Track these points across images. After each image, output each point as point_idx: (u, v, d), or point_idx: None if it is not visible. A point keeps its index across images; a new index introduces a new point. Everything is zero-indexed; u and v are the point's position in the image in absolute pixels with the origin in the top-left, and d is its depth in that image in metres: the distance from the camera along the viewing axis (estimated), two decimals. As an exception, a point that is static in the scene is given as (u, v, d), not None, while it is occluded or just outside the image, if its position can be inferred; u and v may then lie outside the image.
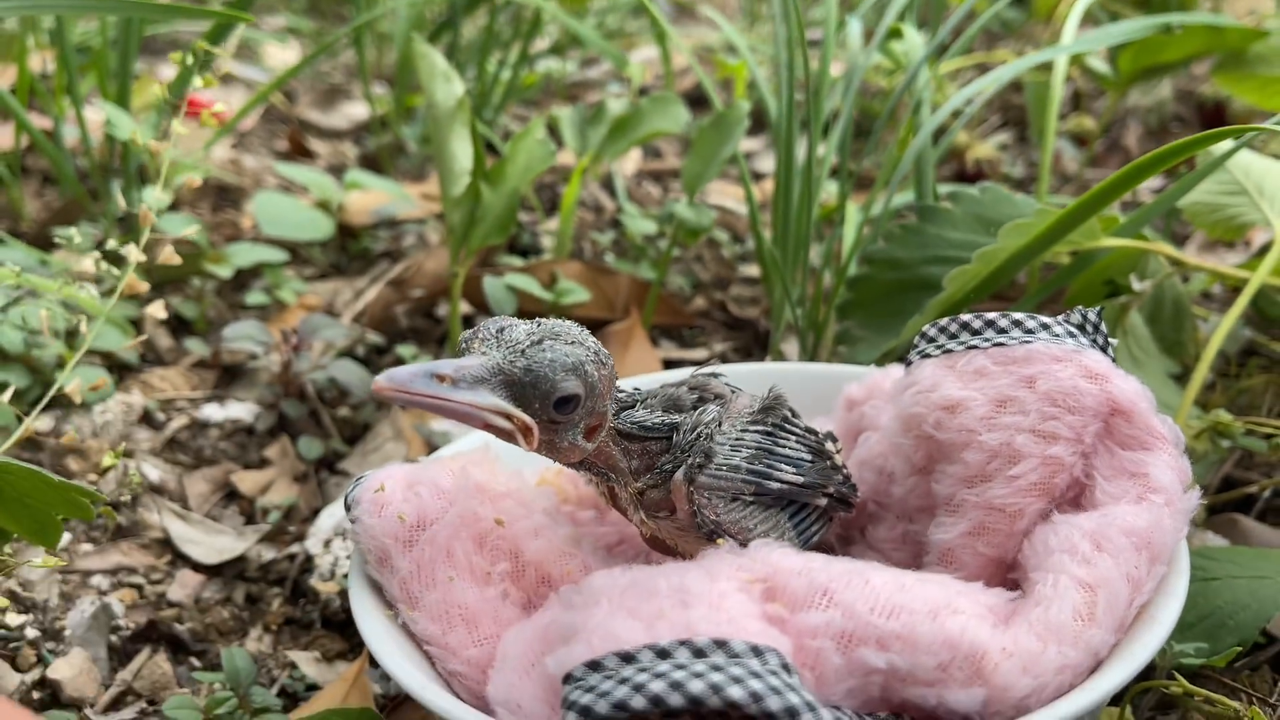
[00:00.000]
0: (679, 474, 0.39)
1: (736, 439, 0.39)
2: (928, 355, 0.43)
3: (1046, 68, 0.94)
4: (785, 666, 0.32)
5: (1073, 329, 0.41)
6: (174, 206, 0.91)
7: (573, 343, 0.35)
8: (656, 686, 0.30)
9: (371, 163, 1.06)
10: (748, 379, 0.54)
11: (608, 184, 1.01)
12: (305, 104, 1.26)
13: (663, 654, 0.31)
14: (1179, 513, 0.38)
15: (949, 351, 0.42)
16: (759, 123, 1.13)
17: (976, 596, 0.35)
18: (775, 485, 0.39)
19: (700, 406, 0.40)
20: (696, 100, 1.25)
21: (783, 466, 0.40)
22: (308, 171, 0.86)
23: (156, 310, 0.55)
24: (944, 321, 0.43)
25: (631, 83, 0.83)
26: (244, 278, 0.83)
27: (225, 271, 0.74)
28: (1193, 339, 0.67)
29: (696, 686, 0.30)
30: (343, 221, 0.88)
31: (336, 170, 1.07)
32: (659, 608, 0.33)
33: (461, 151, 0.63)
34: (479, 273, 0.72)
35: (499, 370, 0.34)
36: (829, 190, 0.85)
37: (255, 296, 0.76)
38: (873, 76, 1.12)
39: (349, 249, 0.89)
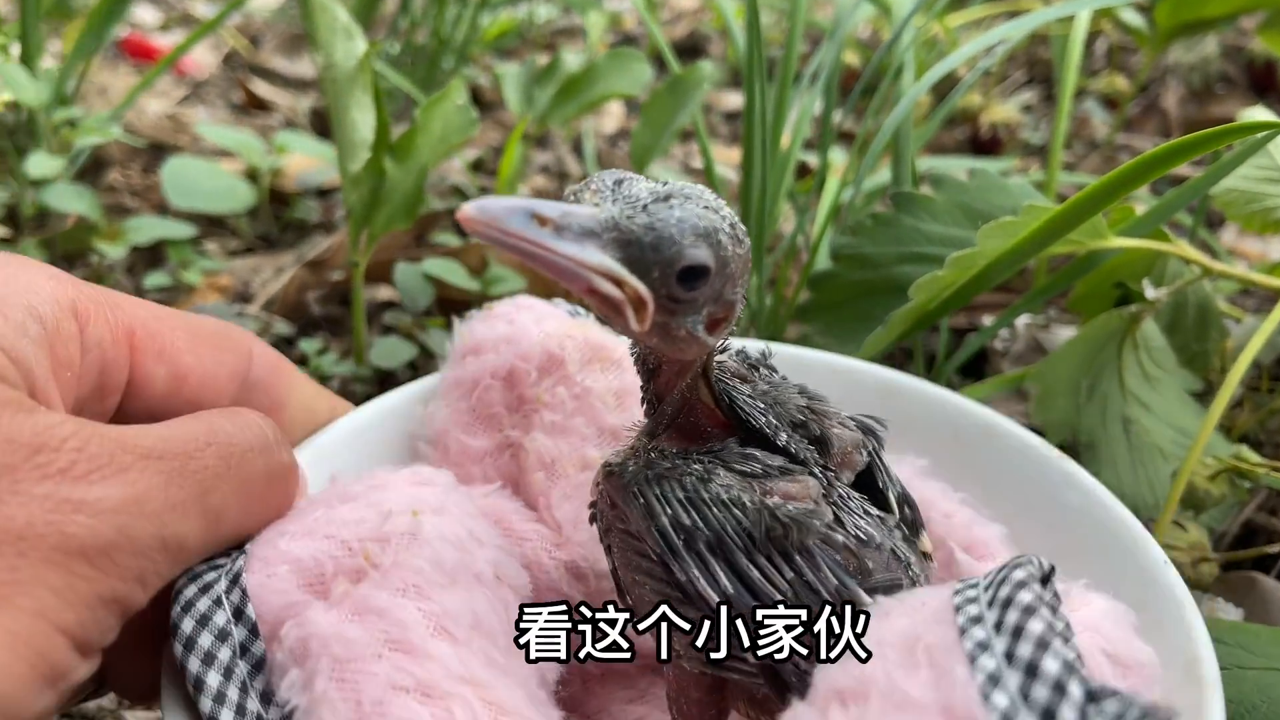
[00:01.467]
0: (604, 461, 0.31)
1: (730, 490, 0.29)
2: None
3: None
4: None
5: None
6: (96, 169, 0.84)
7: (706, 207, 0.28)
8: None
9: (323, 119, 0.97)
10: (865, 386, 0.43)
11: (580, 147, 0.92)
12: (270, 50, 1.17)
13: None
14: None
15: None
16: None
17: None
18: (683, 579, 0.28)
19: (797, 438, 0.31)
20: (689, 50, 1.14)
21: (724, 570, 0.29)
22: (234, 134, 0.77)
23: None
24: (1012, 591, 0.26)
25: (589, 36, 0.73)
26: (161, 251, 0.75)
27: (118, 250, 0.66)
28: (1219, 350, 0.57)
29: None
30: (277, 187, 0.80)
31: (292, 127, 0.99)
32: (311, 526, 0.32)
33: (363, 120, 0.54)
34: (402, 255, 0.64)
35: (614, 225, 0.27)
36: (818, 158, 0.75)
37: (156, 278, 0.68)
38: (881, 24, 1.01)
39: (283, 218, 0.80)
